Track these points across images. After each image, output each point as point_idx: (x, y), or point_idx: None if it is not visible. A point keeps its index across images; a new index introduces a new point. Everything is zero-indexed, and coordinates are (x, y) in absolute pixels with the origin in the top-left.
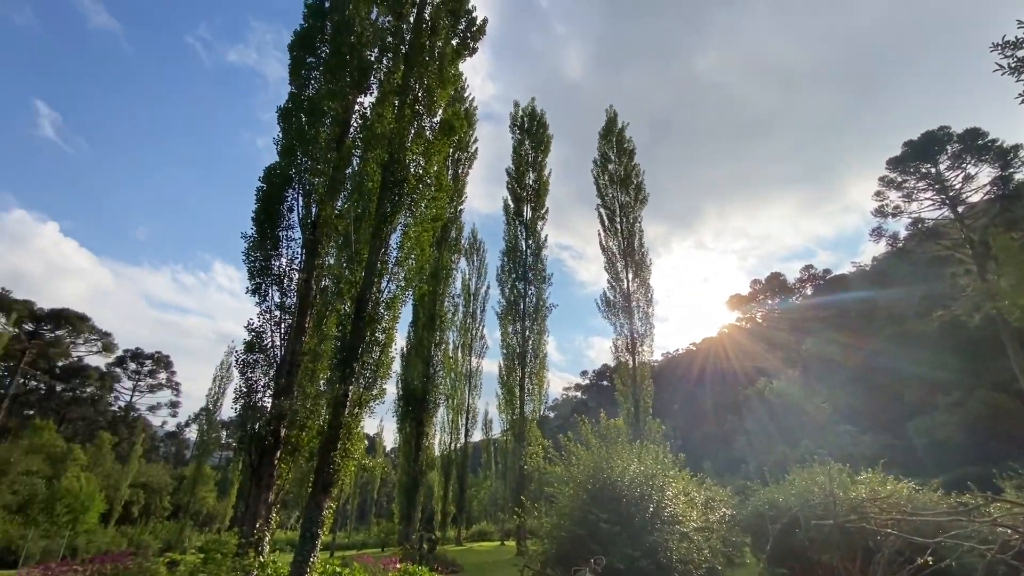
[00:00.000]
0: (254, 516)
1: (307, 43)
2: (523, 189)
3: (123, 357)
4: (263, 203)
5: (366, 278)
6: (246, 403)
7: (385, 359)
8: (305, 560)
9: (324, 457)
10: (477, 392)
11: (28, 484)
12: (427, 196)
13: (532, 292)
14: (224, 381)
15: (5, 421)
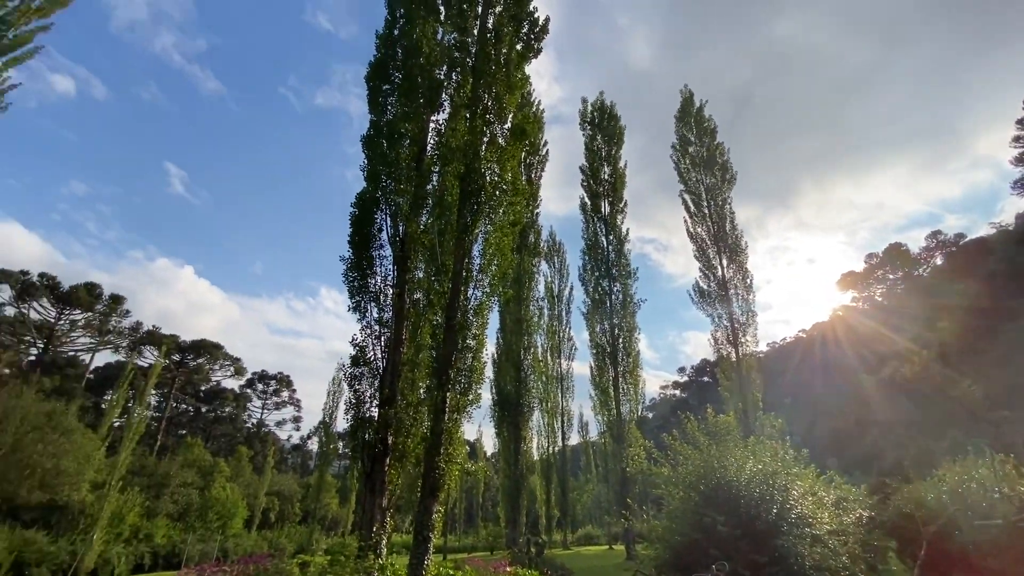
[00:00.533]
0: (371, 520)
1: (381, 72)
2: (599, 184)
3: (252, 379)
4: (356, 227)
5: (453, 287)
6: (355, 413)
7: (478, 364)
8: (420, 562)
9: (429, 462)
10: (570, 394)
11: (185, 494)
12: (504, 202)
13: (617, 289)
14: (336, 395)
15: (164, 440)
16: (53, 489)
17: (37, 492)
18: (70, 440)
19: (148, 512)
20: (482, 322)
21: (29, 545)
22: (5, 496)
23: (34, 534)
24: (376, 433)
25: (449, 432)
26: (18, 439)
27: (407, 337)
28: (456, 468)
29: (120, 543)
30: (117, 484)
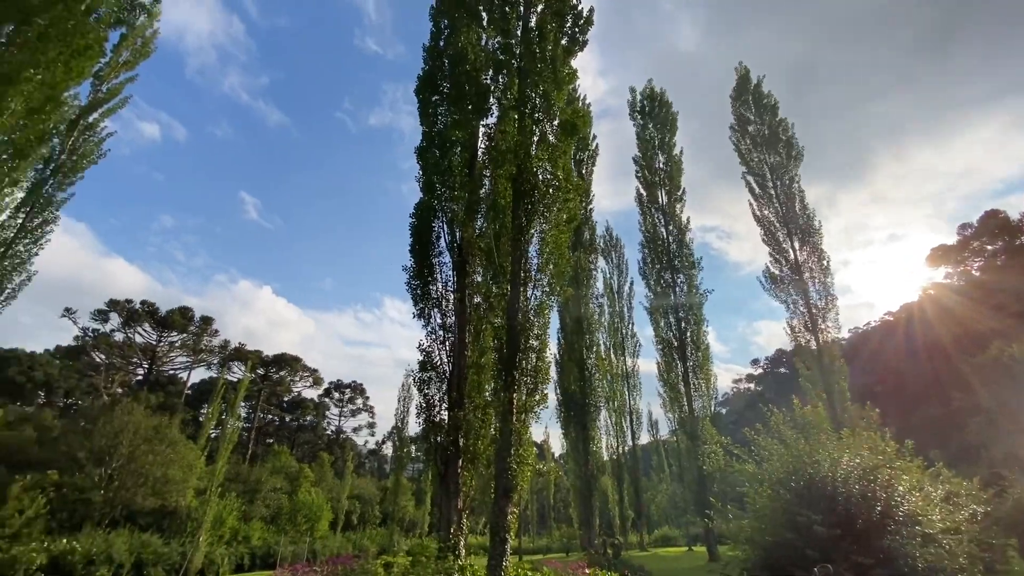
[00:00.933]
0: (448, 522)
1: (430, 83)
2: (654, 174)
3: (329, 388)
4: (415, 236)
5: (511, 289)
6: (426, 417)
7: (542, 365)
8: (498, 563)
9: (501, 463)
10: (637, 393)
11: (275, 499)
12: (558, 199)
13: (681, 280)
14: (407, 401)
15: (255, 449)
16: (163, 495)
17: (151, 498)
18: (175, 451)
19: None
20: (543, 322)
21: (146, 547)
22: (124, 502)
23: (149, 536)
24: (447, 436)
25: (518, 433)
26: (132, 450)
27: (470, 341)
28: (528, 469)
29: (222, 545)
30: (217, 490)
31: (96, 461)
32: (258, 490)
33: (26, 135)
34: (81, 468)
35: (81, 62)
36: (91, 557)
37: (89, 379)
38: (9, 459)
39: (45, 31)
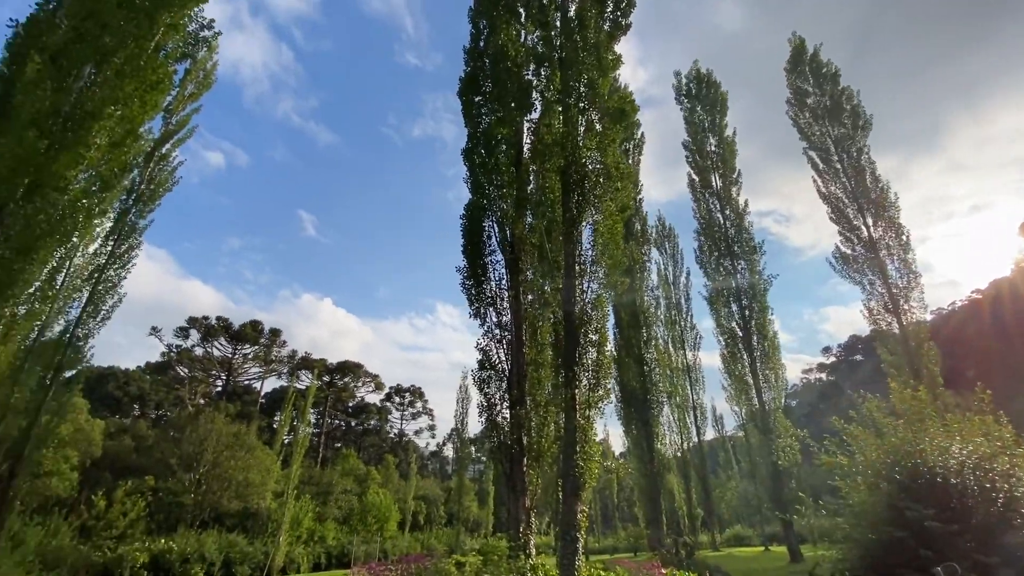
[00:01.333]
0: (516, 521)
1: (472, 84)
2: (705, 158)
3: (390, 393)
4: (467, 237)
5: (566, 283)
6: (488, 416)
7: (603, 359)
8: (570, 562)
9: (567, 461)
10: (701, 387)
11: (346, 500)
12: (609, 188)
13: (742, 267)
14: (465, 403)
15: (324, 453)
16: (245, 498)
17: (235, 501)
18: (253, 456)
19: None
20: (602, 315)
21: (233, 546)
22: (211, 504)
23: (235, 537)
24: (510, 434)
25: (583, 430)
26: (216, 456)
27: (527, 338)
28: (595, 466)
29: (300, 544)
30: (293, 492)
31: (186, 467)
32: (330, 492)
33: (110, 167)
34: (173, 473)
35: (154, 96)
36: (186, 556)
37: (176, 391)
38: (112, 466)
39: (121, 68)
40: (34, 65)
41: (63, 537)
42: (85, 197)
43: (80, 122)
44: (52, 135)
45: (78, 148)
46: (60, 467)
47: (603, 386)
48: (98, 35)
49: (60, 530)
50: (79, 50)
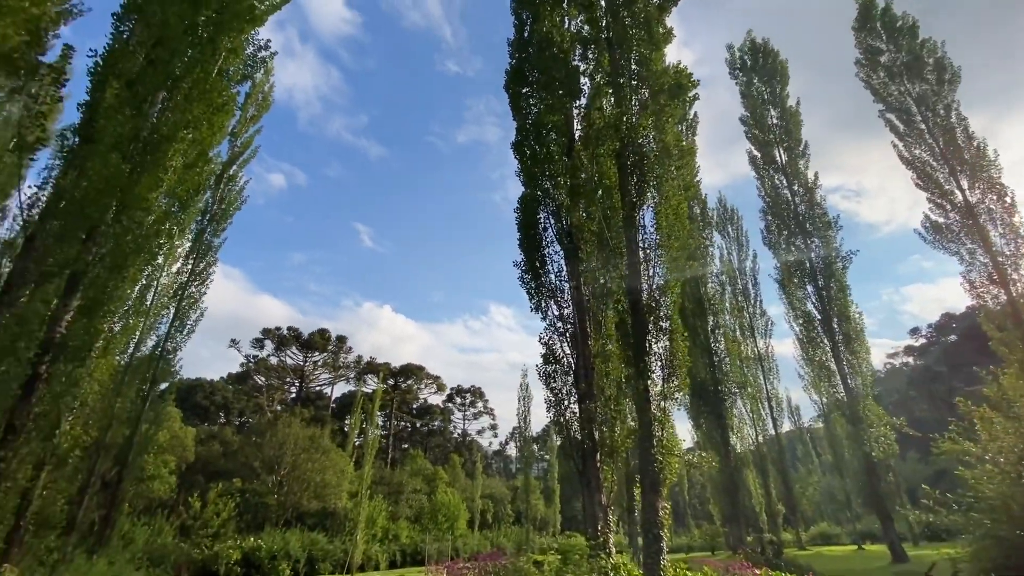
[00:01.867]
0: (593, 518)
1: (518, 76)
2: (767, 132)
3: (451, 394)
4: (523, 230)
5: (630, 270)
6: (556, 412)
7: (677, 346)
8: (655, 562)
9: (645, 455)
10: (775, 376)
11: (417, 500)
12: (670, 167)
13: (816, 244)
14: (527, 401)
15: (393, 454)
16: (323, 498)
17: (314, 501)
18: (328, 458)
19: (392, 516)
20: (672, 300)
21: (315, 544)
22: (293, 505)
23: (316, 535)
24: (581, 429)
25: (660, 422)
26: (295, 459)
27: (592, 330)
28: (674, 460)
29: (376, 543)
30: (366, 492)
31: (268, 469)
32: (401, 491)
33: (185, 188)
34: (257, 476)
35: (221, 118)
36: (273, 553)
37: (255, 399)
38: (204, 469)
39: (189, 92)
40: (112, 91)
41: (166, 536)
42: (167, 218)
43: (157, 145)
44: (133, 159)
45: (157, 171)
46: (160, 471)
47: (679, 375)
48: (167, 60)
49: (163, 529)
50: (151, 76)
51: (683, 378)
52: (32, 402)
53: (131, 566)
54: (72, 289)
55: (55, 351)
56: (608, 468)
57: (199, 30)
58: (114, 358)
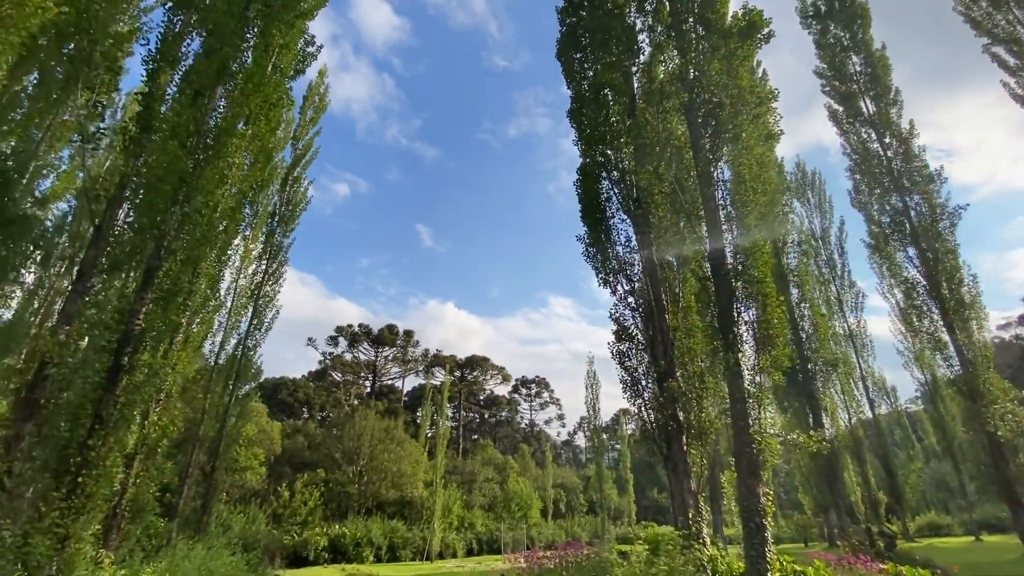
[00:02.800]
0: (682, 506)
1: (570, 40)
2: (849, 82)
3: (516, 385)
4: (584, 201)
5: (710, 230)
6: (633, 392)
7: (772, 313)
8: (759, 553)
9: (741, 437)
10: (869, 353)
11: (489, 489)
12: (748, 115)
13: (916, 202)
14: (595, 388)
15: (464, 444)
16: (400, 487)
17: (392, 490)
18: (403, 448)
19: (466, 505)
20: (763, 261)
21: (395, 532)
22: (372, 494)
23: (396, 523)
24: (663, 410)
25: (756, 399)
26: (372, 449)
27: (668, 302)
28: (774, 441)
29: (452, 531)
30: (441, 481)
31: (348, 460)
32: (473, 481)
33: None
34: (339, 466)
35: (277, 113)
36: (357, 540)
37: (333, 394)
38: (290, 461)
39: (244, 86)
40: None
41: (259, 523)
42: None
43: (216, 138)
44: (196, 155)
45: (219, 163)
46: (252, 463)
47: (776, 345)
48: (219, 49)
49: (257, 517)
50: (205, 67)
51: (781, 348)
52: (117, 393)
53: (227, 551)
54: (148, 282)
55: (135, 343)
56: (696, 451)
57: (250, 23)
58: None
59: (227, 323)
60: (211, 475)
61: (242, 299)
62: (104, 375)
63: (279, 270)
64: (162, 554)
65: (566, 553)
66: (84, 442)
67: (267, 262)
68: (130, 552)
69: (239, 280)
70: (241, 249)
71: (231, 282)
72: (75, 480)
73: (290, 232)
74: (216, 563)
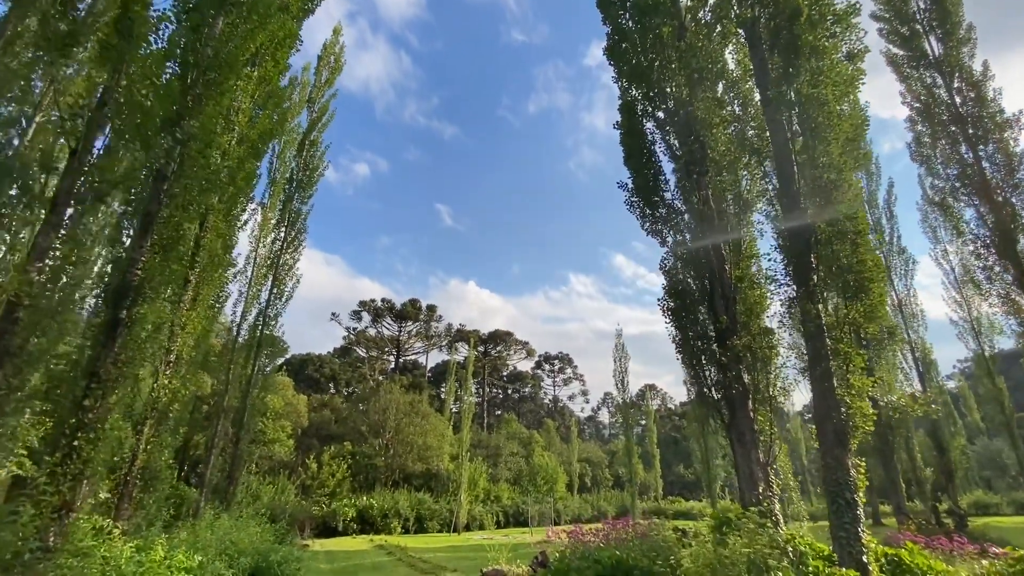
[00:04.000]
0: (750, 479)
1: None
2: (910, 21)
3: (539, 361)
4: (627, 142)
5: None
6: (688, 353)
7: (864, 255)
8: (852, 535)
9: (824, 400)
10: (920, 323)
11: (515, 463)
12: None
13: (989, 150)
14: (623, 361)
15: (488, 420)
16: (427, 460)
17: (418, 463)
18: (428, 422)
19: (492, 478)
20: (852, 195)
21: (422, 503)
22: (399, 467)
23: (423, 495)
24: (726, 372)
25: (844, 356)
26: (397, 422)
27: (728, 250)
28: (865, 405)
29: (479, 503)
30: (467, 455)
31: (374, 433)
32: (499, 455)
33: (256, 129)
34: (365, 439)
35: (283, 53)
36: (385, 511)
37: (358, 370)
38: (317, 434)
39: (248, 17)
40: None
41: (288, 494)
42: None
43: (218, 71)
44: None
45: (221, 100)
46: (279, 436)
47: (871, 292)
48: None
49: (286, 488)
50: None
51: (877, 296)
52: (115, 349)
53: (254, 521)
54: (146, 229)
55: (134, 294)
56: (763, 417)
57: None
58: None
59: (247, 293)
60: (236, 445)
61: (262, 269)
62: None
63: (298, 238)
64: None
65: (618, 529)
66: (79, 402)
67: (286, 229)
68: (148, 523)
69: (258, 250)
70: (259, 217)
71: (250, 251)
72: (71, 444)
73: (308, 199)
74: (241, 534)
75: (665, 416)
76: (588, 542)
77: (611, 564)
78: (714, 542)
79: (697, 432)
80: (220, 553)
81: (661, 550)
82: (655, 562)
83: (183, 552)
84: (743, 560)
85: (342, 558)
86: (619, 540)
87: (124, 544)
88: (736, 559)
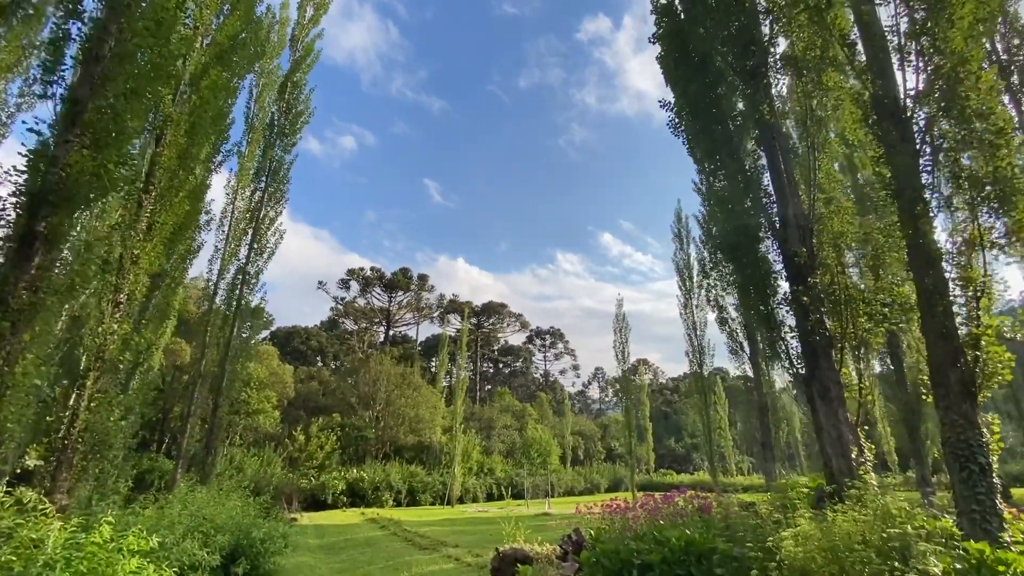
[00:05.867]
0: (838, 443)
1: None
2: None
3: (531, 335)
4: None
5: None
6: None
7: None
8: (986, 508)
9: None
10: None
11: (508, 436)
12: None
13: None
14: (624, 332)
15: (479, 394)
16: (419, 432)
17: (410, 435)
18: (420, 394)
19: (485, 451)
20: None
21: (414, 476)
22: (390, 439)
23: (415, 468)
24: (804, 316)
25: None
26: (388, 394)
27: (800, 178)
28: (1000, 349)
29: (472, 476)
30: (460, 427)
31: (364, 405)
32: (492, 427)
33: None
34: (354, 411)
35: None
36: (376, 484)
37: (346, 342)
38: (305, 405)
39: None
40: None
41: (275, 466)
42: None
43: None
44: None
45: None
46: (264, 406)
47: (1016, 204)
48: None
49: (272, 461)
50: None
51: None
52: (31, 270)
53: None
54: (73, 117)
55: (54, 198)
56: (847, 370)
57: None
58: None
59: (225, 250)
60: (214, 413)
61: (240, 224)
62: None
63: (280, 189)
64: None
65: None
66: None
67: (266, 179)
68: (100, 497)
69: (236, 202)
70: (236, 165)
71: (226, 203)
72: None
73: (291, 147)
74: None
75: (656, 391)
76: (635, 517)
77: (680, 547)
78: (788, 519)
79: (700, 404)
80: (192, 531)
81: (748, 530)
82: (744, 545)
83: (135, 533)
84: (877, 542)
85: (333, 532)
86: (673, 516)
87: (60, 523)
88: (868, 541)
